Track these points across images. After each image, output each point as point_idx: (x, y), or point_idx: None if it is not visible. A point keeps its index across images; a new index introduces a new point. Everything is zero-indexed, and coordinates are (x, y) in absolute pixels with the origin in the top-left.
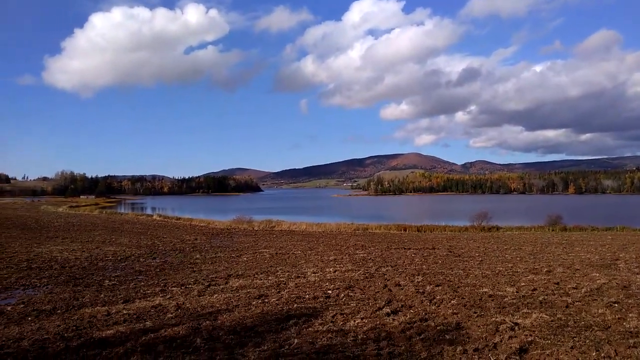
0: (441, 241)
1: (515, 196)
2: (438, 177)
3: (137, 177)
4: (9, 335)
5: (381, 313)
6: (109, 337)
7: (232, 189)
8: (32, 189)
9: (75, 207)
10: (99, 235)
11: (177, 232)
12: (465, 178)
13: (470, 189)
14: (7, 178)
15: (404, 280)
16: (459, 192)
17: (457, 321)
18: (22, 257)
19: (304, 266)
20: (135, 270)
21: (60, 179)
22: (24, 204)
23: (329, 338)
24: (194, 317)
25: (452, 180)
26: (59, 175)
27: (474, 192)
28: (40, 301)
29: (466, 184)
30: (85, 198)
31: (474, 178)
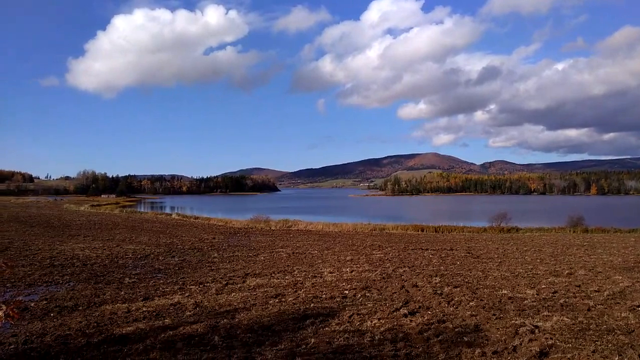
0: (459, 242)
1: (535, 197)
2: (456, 177)
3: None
4: (32, 331)
5: (398, 314)
6: (129, 334)
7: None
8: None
9: (96, 206)
10: (120, 234)
11: (195, 231)
12: (484, 178)
13: (489, 189)
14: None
15: (421, 281)
16: (478, 192)
17: (476, 323)
18: (46, 254)
19: (321, 266)
20: (155, 269)
21: (82, 178)
22: (47, 203)
23: (345, 338)
24: (212, 315)
25: (470, 180)
26: (81, 174)
27: (492, 192)
28: (62, 298)
29: (485, 184)
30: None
31: (493, 178)
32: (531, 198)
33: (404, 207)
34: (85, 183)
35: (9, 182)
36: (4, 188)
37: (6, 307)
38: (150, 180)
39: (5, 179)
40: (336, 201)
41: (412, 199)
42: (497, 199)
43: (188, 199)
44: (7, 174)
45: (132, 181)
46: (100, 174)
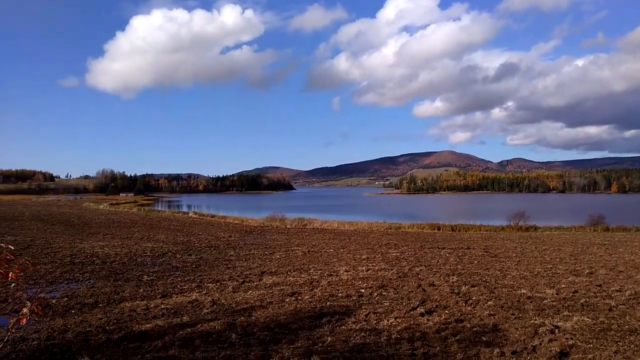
0: (476, 241)
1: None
2: (473, 176)
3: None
4: (54, 327)
5: (415, 313)
6: (148, 331)
7: (264, 187)
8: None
9: (115, 205)
10: (138, 232)
11: (211, 230)
12: (501, 176)
13: (507, 187)
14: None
15: (438, 280)
16: (495, 190)
17: (494, 323)
18: (66, 252)
19: (337, 264)
20: (172, 266)
21: (101, 177)
22: (68, 202)
23: (362, 337)
24: (229, 313)
25: (487, 178)
26: (100, 173)
27: (510, 190)
28: (83, 295)
29: (502, 182)
30: (124, 196)
31: (511, 176)
32: (550, 196)
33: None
34: (104, 182)
35: (30, 181)
36: (26, 187)
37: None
38: (167, 179)
39: (27, 178)
40: (351, 200)
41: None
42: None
43: (204, 197)
44: (28, 173)
45: (150, 180)
46: (119, 173)
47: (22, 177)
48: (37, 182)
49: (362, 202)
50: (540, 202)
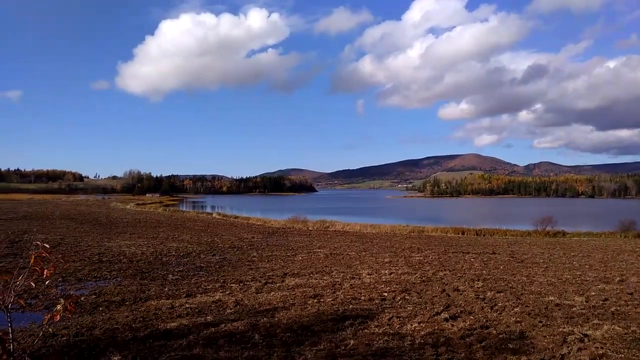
0: (502, 246)
1: (583, 200)
2: (498, 179)
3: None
4: (83, 324)
5: (439, 318)
6: (173, 329)
7: (287, 189)
8: (103, 187)
9: (141, 205)
10: (163, 232)
11: (235, 230)
12: (528, 180)
13: (534, 191)
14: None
15: (463, 285)
16: (521, 194)
17: (521, 330)
18: (94, 250)
19: (359, 267)
20: (197, 266)
21: (128, 177)
22: (96, 201)
23: (385, 341)
24: (252, 314)
25: (513, 182)
26: (127, 174)
27: (537, 195)
28: (110, 292)
29: (529, 186)
30: (150, 196)
31: (538, 180)
32: (578, 201)
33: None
34: (131, 182)
35: (60, 181)
36: (56, 187)
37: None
38: (192, 180)
39: (58, 178)
40: (373, 202)
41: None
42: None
43: (228, 198)
44: (59, 173)
45: (175, 181)
46: (145, 174)
47: (53, 177)
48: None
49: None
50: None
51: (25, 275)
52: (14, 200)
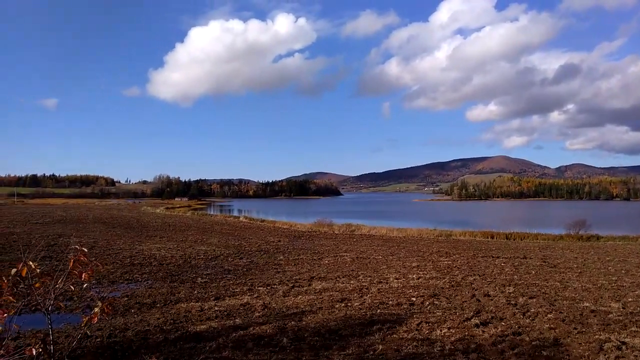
0: (533, 250)
1: (617, 202)
2: (529, 182)
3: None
4: (115, 325)
5: (469, 324)
6: (203, 332)
7: (312, 192)
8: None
9: (170, 209)
10: (192, 235)
11: (261, 234)
12: (559, 182)
13: (566, 194)
14: (112, 181)
15: (493, 291)
16: (553, 197)
17: (555, 337)
18: (126, 254)
19: (386, 271)
20: (225, 269)
21: (158, 182)
22: (127, 205)
23: (414, 346)
24: (279, 317)
25: (544, 184)
26: (157, 178)
27: (569, 197)
28: (141, 295)
29: (561, 189)
30: (179, 200)
31: (570, 182)
32: (613, 204)
33: (471, 212)
34: (160, 187)
35: (93, 186)
36: (89, 191)
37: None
38: (219, 184)
39: (91, 182)
40: (400, 206)
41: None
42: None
43: (254, 202)
44: (92, 178)
45: (203, 185)
46: (174, 178)
47: (86, 182)
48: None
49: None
50: (603, 209)
51: (65, 278)
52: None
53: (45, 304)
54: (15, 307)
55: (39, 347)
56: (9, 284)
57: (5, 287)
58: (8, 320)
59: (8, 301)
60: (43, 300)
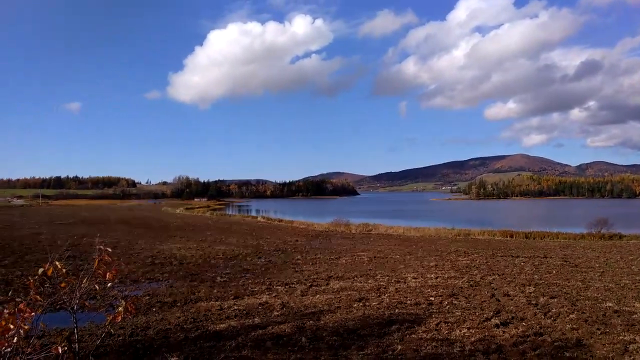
0: (554, 249)
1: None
2: (549, 180)
3: (243, 181)
4: (137, 324)
5: (489, 324)
6: (222, 331)
7: (329, 192)
8: (154, 192)
9: (190, 209)
10: (211, 235)
11: (279, 233)
12: (580, 180)
13: (587, 192)
14: (133, 182)
15: (513, 290)
16: (573, 196)
17: (578, 337)
18: (147, 253)
19: (404, 271)
20: (243, 269)
21: (177, 183)
22: (148, 206)
23: (433, 347)
24: (298, 316)
25: (564, 183)
26: (177, 179)
27: (590, 196)
28: (162, 294)
29: (582, 187)
30: (198, 200)
31: (591, 180)
32: (636, 202)
33: (490, 211)
34: (180, 187)
35: (115, 187)
36: (111, 193)
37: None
38: (237, 184)
39: (113, 184)
40: (417, 205)
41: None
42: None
43: (272, 202)
44: (114, 180)
45: (221, 186)
46: (193, 179)
47: (108, 183)
48: (121, 188)
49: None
50: (625, 208)
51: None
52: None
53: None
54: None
55: (64, 346)
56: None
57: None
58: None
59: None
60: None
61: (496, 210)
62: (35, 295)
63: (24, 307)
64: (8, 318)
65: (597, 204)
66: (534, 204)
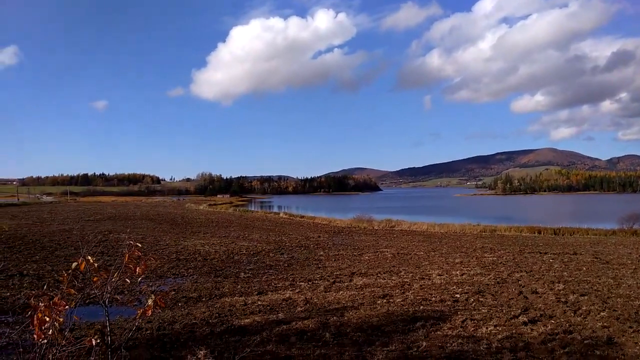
0: (584, 246)
1: None
2: (578, 175)
3: (265, 177)
4: (164, 318)
5: (517, 321)
6: (247, 326)
7: (351, 188)
8: (178, 189)
9: (213, 205)
10: (234, 231)
11: (301, 230)
12: (611, 175)
13: (618, 187)
14: (158, 179)
15: (541, 288)
16: (604, 191)
17: (609, 335)
18: (172, 249)
19: (428, 267)
20: (266, 265)
21: (200, 179)
22: (172, 203)
23: (459, 344)
24: (321, 312)
25: (595, 177)
26: (200, 176)
27: (622, 190)
28: (187, 289)
29: (613, 181)
30: (221, 197)
31: (623, 175)
32: None
33: (517, 207)
34: (203, 184)
35: (140, 184)
36: (136, 189)
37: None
38: (259, 181)
39: (138, 181)
40: (441, 201)
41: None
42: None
43: (294, 198)
44: (139, 176)
45: (244, 182)
46: (216, 176)
47: (133, 180)
48: (146, 185)
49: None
50: None
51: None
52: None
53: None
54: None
55: (97, 338)
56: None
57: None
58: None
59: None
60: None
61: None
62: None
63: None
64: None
65: (629, 199)
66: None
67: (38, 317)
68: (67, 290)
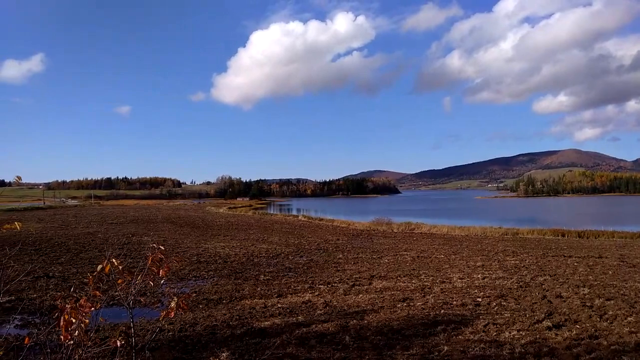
0: (609, 249)
1: None
2: (602, 176)
3: (284, 180)
4: (186, 320)
5: (541, 326)
6: (267, 328)
7: (370, 190)
8: (198, 192)
9: (233, 209)
10: (253, 234)
11: (320, 232)
12: (637, 176)
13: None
14: (179, 183)
15: (566, 292)
16: (630, 192)
17: (637, 341)
18: (193, 252)
19: (449, 271)
20: (286, 267)
21: (220, 183)
22: (192, 206)
23: (481, 348)
24: (341, 315)
25: (620, 179)
26: (220, 179)
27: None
28: (208, 291)
29: (639, 183)
30: (241, 200)
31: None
32: None
33: (539, 209)
34: (223, 187)
35: (162, 188)
36: (158, 193)
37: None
38: (278, 184)
39: (159, 184)
40: (461, 203)
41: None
42: None
43: (312, 201)
44: (160, 180)
45: (263, 185)
46: (236, 179)
47: (155, 184)
48: (167, 188)
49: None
50: None
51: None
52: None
53: (127, 298)
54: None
55: (121, 339)
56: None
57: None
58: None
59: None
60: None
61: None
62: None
63: (84, 302)
64: (70, 312)
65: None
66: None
67: (65, 318)
68: (92, 292)
